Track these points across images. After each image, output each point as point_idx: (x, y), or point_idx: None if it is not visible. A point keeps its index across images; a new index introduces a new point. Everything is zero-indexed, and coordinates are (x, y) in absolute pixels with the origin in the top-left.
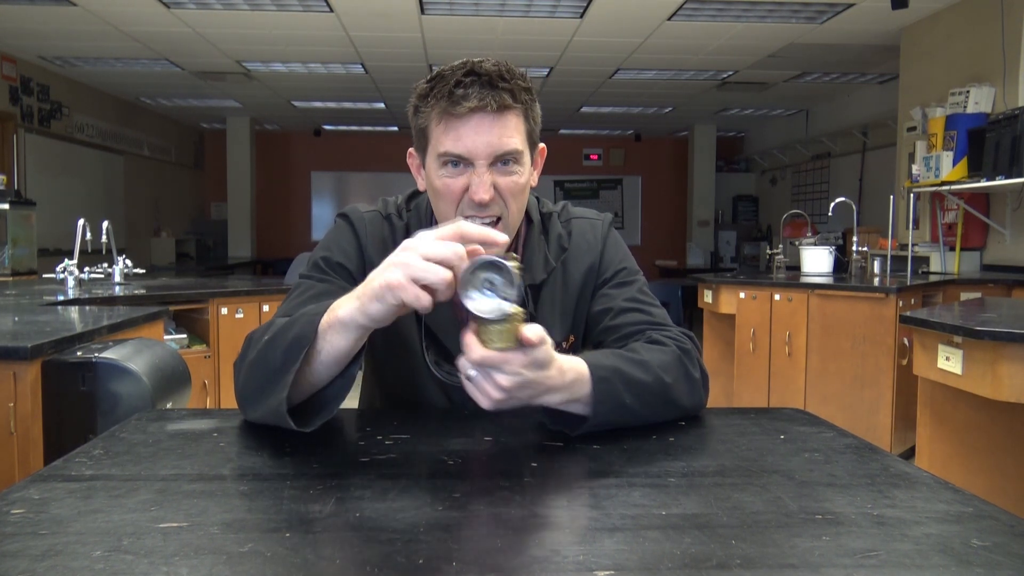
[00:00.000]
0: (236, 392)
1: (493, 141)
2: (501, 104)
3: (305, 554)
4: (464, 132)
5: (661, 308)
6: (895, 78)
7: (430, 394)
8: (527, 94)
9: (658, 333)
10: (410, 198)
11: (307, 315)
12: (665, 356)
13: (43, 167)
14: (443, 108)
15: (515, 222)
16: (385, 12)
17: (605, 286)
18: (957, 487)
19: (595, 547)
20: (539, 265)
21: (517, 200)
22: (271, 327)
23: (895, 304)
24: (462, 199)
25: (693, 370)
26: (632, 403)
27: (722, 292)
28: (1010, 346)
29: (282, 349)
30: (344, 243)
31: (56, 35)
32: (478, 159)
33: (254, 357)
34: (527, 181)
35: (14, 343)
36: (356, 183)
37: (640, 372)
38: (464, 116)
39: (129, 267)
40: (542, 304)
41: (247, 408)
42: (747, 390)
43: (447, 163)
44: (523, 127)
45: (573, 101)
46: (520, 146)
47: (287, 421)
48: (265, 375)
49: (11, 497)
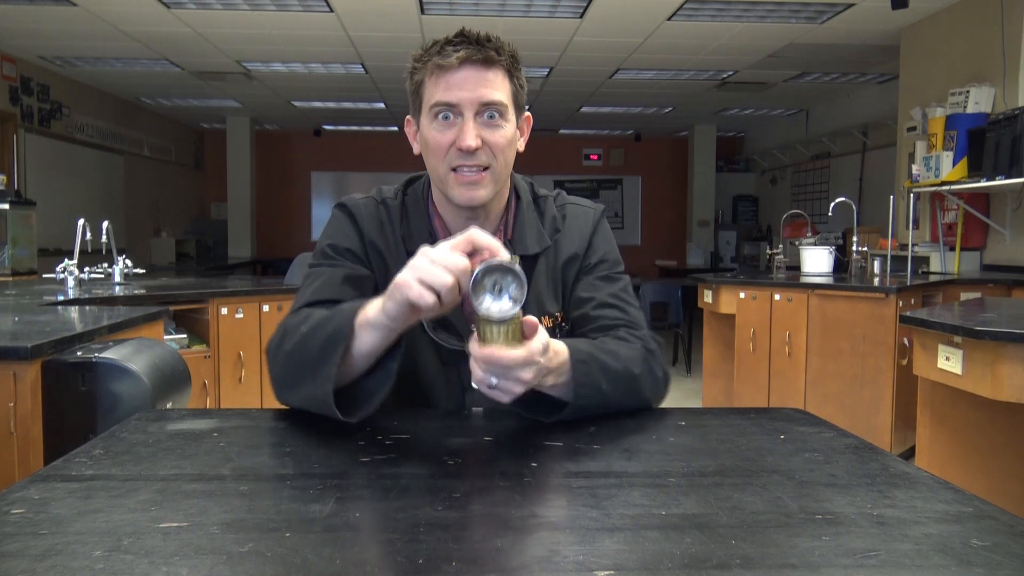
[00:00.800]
0: (272, 376)
1: (479, 90)
2: (487, 57)
3: (305, 554)
4: (453, 81)
5: (639, 310)
6: (895, 78)
7: (424, 359)
8: (511, 57)
9: (629, 332)
10: (408, 184)
11: (343, 312)
12: (632, 352)
13: (43, 167)
14: (435, 62)
15: (502, 176)
16: (385, 12)
17: (591, 274)
18: (957, 487)
19: (595, 547)
20: (532, 238)
21: (504, 154)
22: (308, 319)
23: (895, 304)
24: (450, 151)
25: (656, 368)
26: (607, 389)
27: (722, 292)
28: (1010, 346)
29: (320, 342)
30: (345, 229)
31: (56, 35)
32: (465, 107)
33: (291, 347)
34: (513, 137)
35: (14, 343)
36: (356, 183)
37: (612, 360)
38: (454, 68)
39: (129, 267)
40: (537, 276)
41: (285, 392)
42: (747, 390)
43: (438, 115)
44: (508, 86)
45: (573, 101)
46: (505, 100)
47: (333, 411)
48: (304, 365)
49: (11, 497)
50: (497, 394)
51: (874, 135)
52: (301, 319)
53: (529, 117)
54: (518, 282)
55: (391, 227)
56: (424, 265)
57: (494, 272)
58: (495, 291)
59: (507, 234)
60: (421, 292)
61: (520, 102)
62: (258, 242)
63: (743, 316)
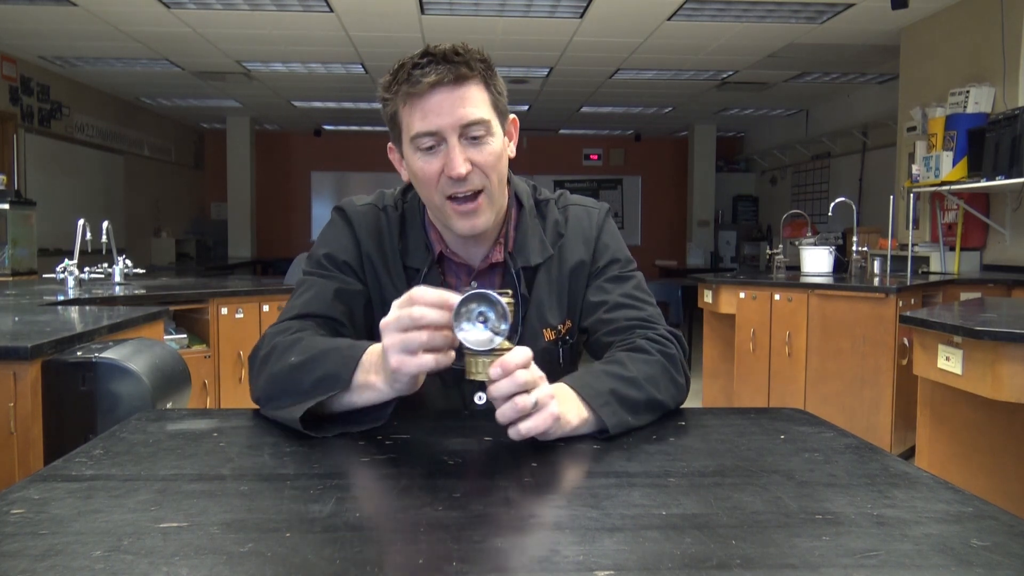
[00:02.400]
0: (253, 389)
1: (457, 111)
2: (458, 75)
3: (305, 554)
4: (428, 108)
5: (655, 306)
6: (895, 78)
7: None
8: (483, 64)
9: (648, 333)
10: (406, 189)
11: (344, 354)
12: (652, 369)
13: (43, 167)
14: (405, 91)
15: (498, 194)
16: (385, 12)
17: (601, 277)
18: (957, 487)
19: (595, 547)
20: (535, 248)
21: (496, 170)
22: (299, 344)
23: (895, 304)
24: (440, 180)
25: (678, 376)
26: (634, 421)
27: (722, 292)
28: (1010, 346)
29: (312, 380)
30: (343, 238)
31: (56, 35)
32: (447, 132)
33: (278, 371)
34: (502, 150)
35: (14, 343)
36: (356, 183)
37: (634, 391)
38: (425, 93)
39: (129, 267)
40: (538, 287)
41: (263, 406)
42: (747, 390)
43: (420, 147)
44: (486, 97)
45: (573, 101)
46: (485, 115)
47: (301, 429)
48: (289, 391)
49: (11, 497)
50: (527, 431)
51: (874, 135)
52: (291, 340)
53: (515, 119)
54: (497, 312)
55: (389, 239)
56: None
57: (473, 302)
58: (477, 321)
59: (508, 245)
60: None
61: (502, 108)
62: (258, 242)
63: (743, 316)
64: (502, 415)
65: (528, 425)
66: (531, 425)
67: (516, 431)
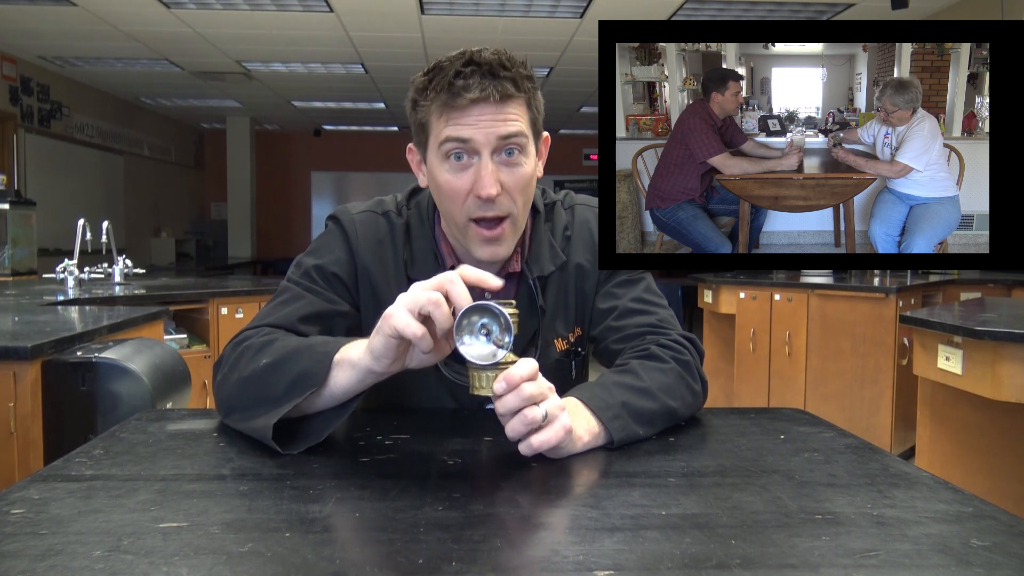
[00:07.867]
0: (218, 398)
1: (496, 129)
2: (504, 93)
3: (305, 554)
4: (466, 123)
5: (667, 308)
6: None
7: (437, 396)
8: (529, 82)
9: (661, 339)
10: (411, 195)
11: (317, 351)
12: (666, 378)
13: (43, 167)
14: (443, 101)
15: (522, 219)
16: (385, 12)
17: (609, 282)
18: (957, 487)
19: (595, 547)
20: (547, 257)
21: (524, 194)
22: (272, 346)
23: (895, 304)
24: (467, 199)
25: (694, 383)
26: (645, 432)
27: (722, 292)
28: (1010, 346)
29: (287, 381)
30: (336, 249)
31: (56, 35)
32: (481, 147)
33: (249, 375)
34: (533, 172)
35: (14, 343)
36: (356, 183)
37: (647, 402)
38: (465, 108)
39: (129, 267)
40: (549, 296)
41: (230, 417)
42: (747, 390)
43: (449, 154)
44: (527, 115)
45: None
46: (524, 130)
47: (271, 443)
48: (260, 397)
49: (11, 497)
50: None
51: None
52: (263, 343)
53: (547, 138)
54: (500, 325)
55: (392, 248)
56: (411, 293)
57: (475, 314)
58: (480, 334)
59: (524, 256)
60: (408, 322)
61: (539, 128)
62: (258, 242)
63: (743, 316)
64: (511, 430)
65: (540, 439)
66: (543, 439)
67: (527, 445)
